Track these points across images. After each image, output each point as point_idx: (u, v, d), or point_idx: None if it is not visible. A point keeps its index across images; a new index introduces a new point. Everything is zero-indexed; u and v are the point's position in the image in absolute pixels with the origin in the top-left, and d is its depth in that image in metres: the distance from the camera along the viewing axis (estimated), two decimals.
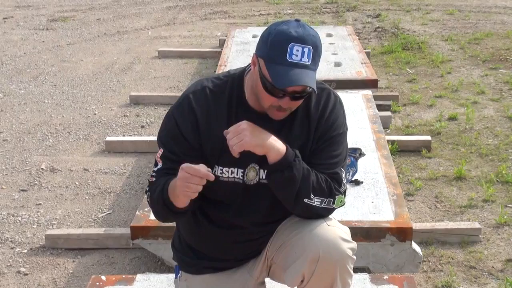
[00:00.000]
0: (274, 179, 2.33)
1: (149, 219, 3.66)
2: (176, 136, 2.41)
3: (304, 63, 2.26)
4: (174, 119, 2.43)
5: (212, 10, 11.50)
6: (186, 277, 2.66)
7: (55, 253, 3.95)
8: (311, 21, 10.22)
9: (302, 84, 2.24)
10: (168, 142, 2.43)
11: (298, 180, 2.30)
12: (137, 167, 5.11)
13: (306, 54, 2.26)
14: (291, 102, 2.32)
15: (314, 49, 2.27)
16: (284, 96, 2.29)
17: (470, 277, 3.61)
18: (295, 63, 2.25)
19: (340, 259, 2.34)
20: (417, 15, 10.71)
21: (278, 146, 2.30)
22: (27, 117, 6.32)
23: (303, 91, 2.29)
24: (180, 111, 2.43)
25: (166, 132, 2.46)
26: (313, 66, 2.27)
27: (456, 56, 8.16)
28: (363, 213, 3.67)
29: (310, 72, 2.26)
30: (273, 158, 2.30)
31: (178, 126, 2.41)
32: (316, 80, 2.46)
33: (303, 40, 2.26)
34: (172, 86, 7.19)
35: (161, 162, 2.43)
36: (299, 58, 2.25)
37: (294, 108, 2.37)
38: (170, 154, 2.41)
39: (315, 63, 2.29)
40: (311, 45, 2.27)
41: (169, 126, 2.45)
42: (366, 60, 6.86)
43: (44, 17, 11.09)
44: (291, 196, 2.34)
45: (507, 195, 4.54)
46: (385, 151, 4.52)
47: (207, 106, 2.41)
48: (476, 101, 6.46)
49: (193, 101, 2.42)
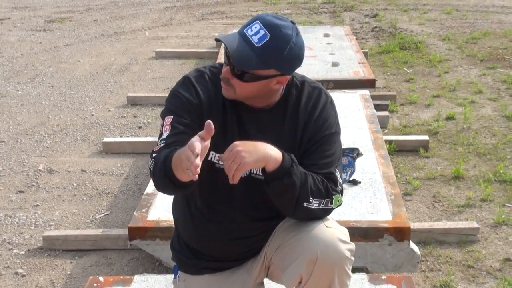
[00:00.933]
0: (274, 187, 2.29)
1: (146, 220, 3.66)
2: (185, 104, 2.36)
3: (251, 40, 2.23)
4: (180, 93, 2.39)
5: (209, 10, 11.50)
6: (185, 278, 2.66)
7: (53, 255, 3.95)
8: (308, 21, 10.23)
9: (225, 43, 2.21)
10: (178, 108, 2.36)
11: (298, 185, 2.28)
12: (135, 168, 5.11)
13: (260, 36, 2.23)
14: (231, 75, 2.29)
15: (271, 39, 2.23)
16: (228, 66, 2.28)
17: (468, 277, 3.61)
18: (244, 35, 2.25)
19: (338, 261, 2.33)
20: (414, 14, 10.71)
21: (274, 155, 2.25)
22: (24, 118, 6.31)
23: (233, 69, 2.26)
24: (184, 87, 2.40)
25: (173, 102, 2.39)
26: (258, 51, 2.22)
27: (453, 55, 8.17)
28: (361, 213, 3.67)
29: (249, 51, 2.23)
30: (271, 167, 2.25)
31: (185, 98, 2.37)
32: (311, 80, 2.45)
33: (268, 24, 2.24)
34: (170, 87, 7.18)
35: (170, 128, 2.33)
36: (251, 33, 2.24)
37: (238, 91, 2.31)
38: (181, 118, 2.33)
39: (264, 53, 2.23)
40: (271, 34, 2.23)
41: (176, 98, 2.39)
42: (364, 60, 6.87)
43: (41, 18, 11.08)
44: (291, 202, 2.31)
45: (505, 194, 4.54)
46: (383, 151, 4.52)
47: (208, 89, 2.41)
48: (474, 101, 6.46)
49: (195, 82, 2.41)
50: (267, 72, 2.28)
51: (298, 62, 2.35)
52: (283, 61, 2.28)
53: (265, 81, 2.31)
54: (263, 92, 2.35)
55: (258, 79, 2.29)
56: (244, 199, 2.46)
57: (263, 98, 2.40)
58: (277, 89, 2.39)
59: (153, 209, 3.76)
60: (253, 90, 2.33)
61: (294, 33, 2.30)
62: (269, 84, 2.33)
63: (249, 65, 2.25)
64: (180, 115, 2.34)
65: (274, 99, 2.43)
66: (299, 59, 2.35)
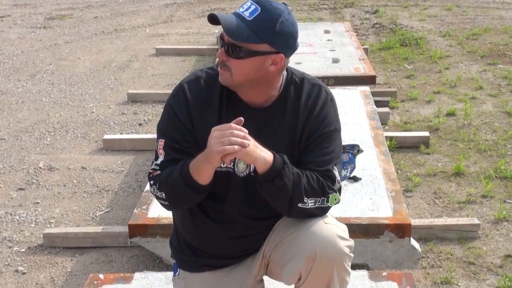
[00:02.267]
0: (266, 189, 2.30)
1: (147, 217, 3.65)
2: (175, 124, 2.41)
3: (243, 15, 2.28)
4: (171, 108, 2.44)
5: (210, 7, 11.49)
6: (184, 275, 2.65)
7: (53, 252, 3.94)
8: (308, 18, 10.22)
9: (218, 17, 2.23)
10: (168, 131, 2.42)
11: (290, 187, 2.28)
12: (135, 165, 5.10)
13: (251, 10, 2.27)
14: (226, 56, 2.31)
15: (262, 12, 2.26)
16: (222, 47, 2.32)
17: (469, 273, 3.60)
18: (236, 12, 2.30)
19: (337, 257, 2.32)
20: (415, 10, 10.70)
21: (264, 156, 2.25)
22: (25, 115, 6.31)
23: (231, 43, 2.28)
24: (175, 100, 2.44)
25: (165, 122, 2.45)
26: (250, 24, 2.26)
27: (454, 51, 8.15)
28: (361, 209, 3.66)
29: (241, 24, 2.26)
30: (261, 168, 2.26)
31: (176, 114, 2.41)
32: (311, 77, 2.44)
33: (259, 2, 2.28)
34: (170, 84, 7.18)
35: (164, 153, 2.40)
36: (243, 10, 2.29)
37: (234, 74, 2.32)
38: (172, 143, 2.40)
39: (256, 25, 2.26)
40: (262, 7, 2.27)
41: (167, 115, 2.45)
42: (364, 57, 6.85)
43: (42, 15, 11.08)
44: (285, 203, 2.32)
45: (506, 191, 4.53)
46: (383, 147, 4.51)
47: (200, 96, 2.42)
48: (474, 97, 6.45)
49: (187, 91, 2.43)
50: (260, 47, 2.29)
51: (291, 40, 2.34)
52: (274, 34, 2.28)
53: (260, 59, 2.30)
54: (259, 75, 2.33)
55: (252, 55, 2.29)
56: (243, 199, 2.45)
57: (261, 86, 2.37)
58: (273, 76, 2.37)
59: (154, 206, 3.75)
60: (249, 71, 2.32)
61: (286, 11, 2.32)
62: (264, 64, 2.31)
63: (241, 37, 2.26)
64: (171, 137, 2.40)
65: (272, 92, 2.41)
66: (292, 36, 2.33)
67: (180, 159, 2.33)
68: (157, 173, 2.40)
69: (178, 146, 2.39)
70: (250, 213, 2.48)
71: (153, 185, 2.41)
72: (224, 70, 2.34)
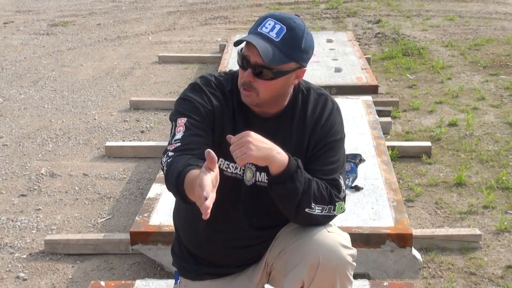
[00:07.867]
0: (276, 191, 2.30)
1: (148, 225, 3.66)
2: (195, 107, 2.33)
3: (270, 36, 2.25)
4: (190, 97, 2.36)
5: (213, 15, 11.51)
6: (185, 283, 2.65)
7: (54, 259, 3.94)
8: (311, 27, 10.23)
9: (252, 42, 2.21)
10: (188, 110, 2.33)
11: (300, 191, 2.28)
12: (137, 173, 5.11)
13: (276, 30, 2.25)
14: (253, 78, 2.28)
15: (288, 31, 2.25)
16: (248, 68, 2.28)
17: (470, 284, 3.60)
18: (261, 33, 2.26)
19: (340, 266, 2.33)
20: (417, 21, 10.71)
21: (279, 158, 2.25)
22: (27, 122, 6.32)
23: (261, 65, 2.25)
24: (195, 93, 2.38)
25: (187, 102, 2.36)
26: (279, 45, 2.24)
27: (456, 62, 8.16)
28: (363, 219, 3.66)
29: (271, 46, 2.23)
30: (275, 169, 2.26)
31: (197, 101, 2.34)
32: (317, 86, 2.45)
33: (280, 19, 2.26)
34: (172, 91, 7.19)
35: (184, 128, 2.29)
36: (267, 30, 2.26)
37: (261, 93, 2.30)
38: (191, 119, 2.31)
39: (285, 46, 2.25)
40: (286, 26, 2.26)
41: (185, 103, 2.37)
42: (367, 66, 6.87)
43: (45, 22, 11.10)
44: (293, 207, 2.32)
45: (507, 202, 4.53)
46: (385, 157, 4.51)
47: (217, 97, 2.40)
48: (477, 107, 6.46)
49: (205, 89, 2.40)
50: (289, 66, 2.30)
51: (311, 53, 2.37)
52: (301, 52, 2.30)
53: (288, 77, 2.32)
54: (284, 90, 2.36)
55: (282, 75, 2.30)
56: (249, 207, 2.46)
57: (279, 99, 2.40)
58: (290, 88, 2.40)
59: (155, 214, 3.75)
60: (276, 89, 2.33)
61: (303, 24, 2.33)
62: (289, 80, 2.34)
63: (275, 60, 2.25)
64: (193, 117, 2.32)
65: (284, 102, 2.43)
66: (312, 49, 2.37)
67: (200, 135, 2.27)
68: (176, 147, 2.25)
69: (200, 125, 2.31)
70: (253, 222, 2.48)
71: (165, 164, 2.25)
72: (249, 92, 2.32)
